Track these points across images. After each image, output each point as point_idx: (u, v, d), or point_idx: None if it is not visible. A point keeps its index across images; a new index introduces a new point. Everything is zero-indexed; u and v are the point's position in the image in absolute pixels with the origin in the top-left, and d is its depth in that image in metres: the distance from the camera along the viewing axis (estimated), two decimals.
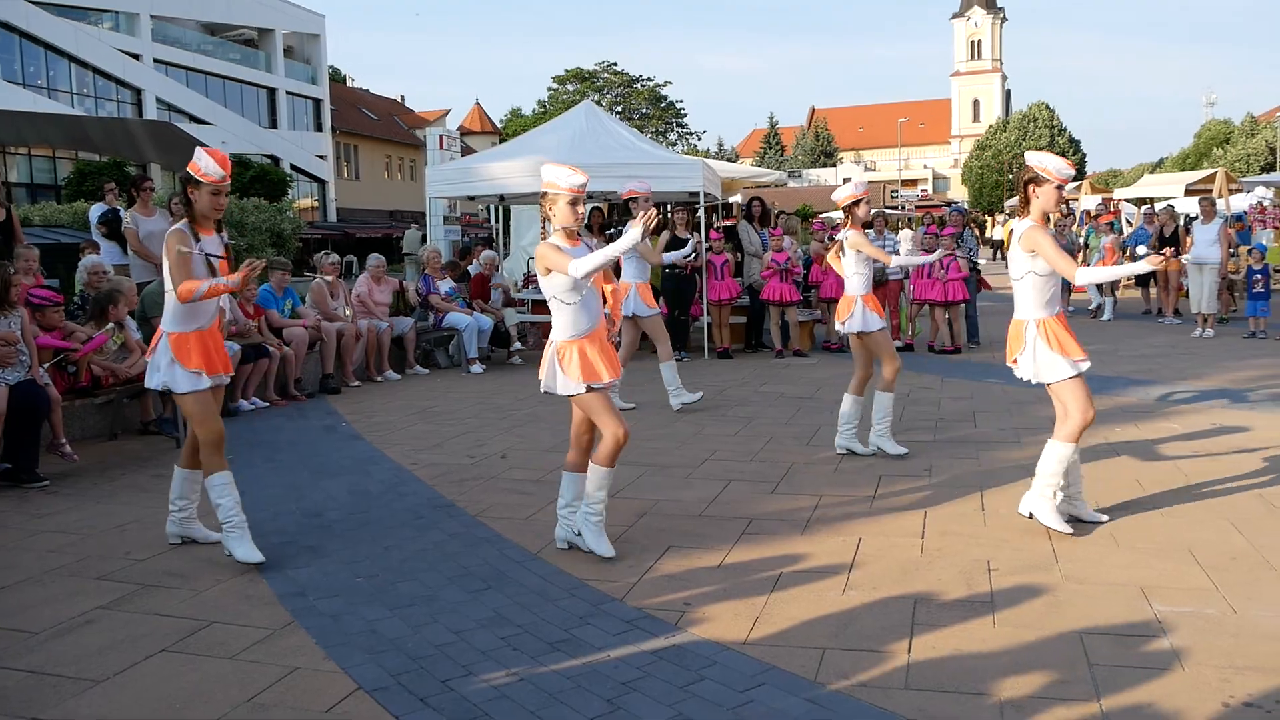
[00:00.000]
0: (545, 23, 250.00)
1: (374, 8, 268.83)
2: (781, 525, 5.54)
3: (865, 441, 7.21)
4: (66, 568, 5.05)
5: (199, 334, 5.03)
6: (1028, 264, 5.25)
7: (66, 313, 8.32)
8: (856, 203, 7.11)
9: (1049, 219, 5.46)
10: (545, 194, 4.98)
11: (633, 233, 4.89)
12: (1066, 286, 13.67)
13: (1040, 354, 5.23)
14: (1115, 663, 3.69)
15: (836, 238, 7.55)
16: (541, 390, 5.06)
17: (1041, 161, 5.26)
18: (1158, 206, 19.70)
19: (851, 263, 7.12)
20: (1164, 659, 3.72)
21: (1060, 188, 5.22)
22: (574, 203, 4.94)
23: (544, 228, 5.09)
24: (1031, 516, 5.33)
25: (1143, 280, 17.21)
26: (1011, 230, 5.77)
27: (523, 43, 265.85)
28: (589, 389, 4.90)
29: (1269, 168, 63.72)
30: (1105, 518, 5.45)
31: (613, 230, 14.74)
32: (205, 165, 4.99)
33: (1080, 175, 61.72)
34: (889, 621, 4.16)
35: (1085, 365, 5.24)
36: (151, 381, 5.08)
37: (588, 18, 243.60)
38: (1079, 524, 5.34)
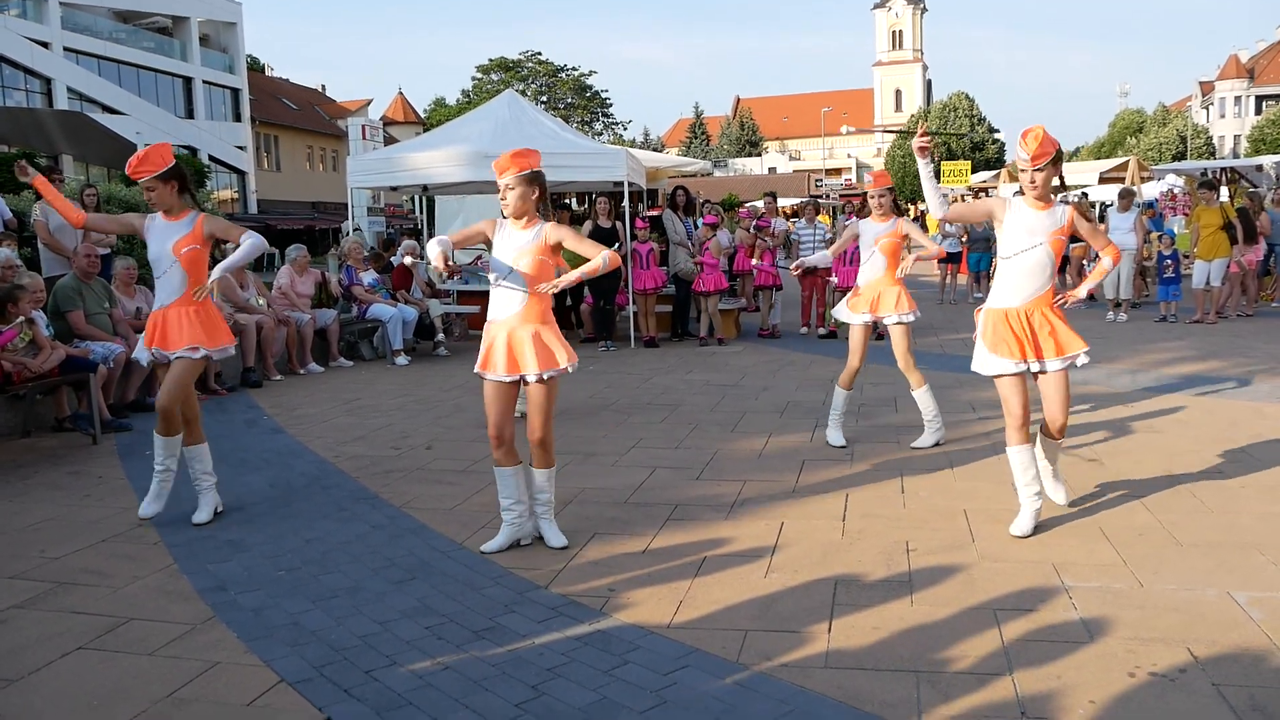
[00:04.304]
0: (469, 12, 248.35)
1: None
2: (706, 510, 5.60)
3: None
4: None
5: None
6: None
7: None
8: (875, 195, 7.28)
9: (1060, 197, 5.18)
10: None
11: None
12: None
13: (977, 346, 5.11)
14: (1027, 637, 3.80)
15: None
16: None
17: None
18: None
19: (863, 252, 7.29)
20: (1073, 632, 3.83)
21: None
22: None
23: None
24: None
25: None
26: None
27: (446, 32, 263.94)
28: (483, 378, 4.92)
29: (1180, 156, 65.61)
30: None
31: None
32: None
33: (998, 163, 62.98)
34: (810, 603, 4.23)
35: (1008, 365, 4.93)
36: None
37: (511, 7, 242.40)
38: (998, 508, 5.48)
